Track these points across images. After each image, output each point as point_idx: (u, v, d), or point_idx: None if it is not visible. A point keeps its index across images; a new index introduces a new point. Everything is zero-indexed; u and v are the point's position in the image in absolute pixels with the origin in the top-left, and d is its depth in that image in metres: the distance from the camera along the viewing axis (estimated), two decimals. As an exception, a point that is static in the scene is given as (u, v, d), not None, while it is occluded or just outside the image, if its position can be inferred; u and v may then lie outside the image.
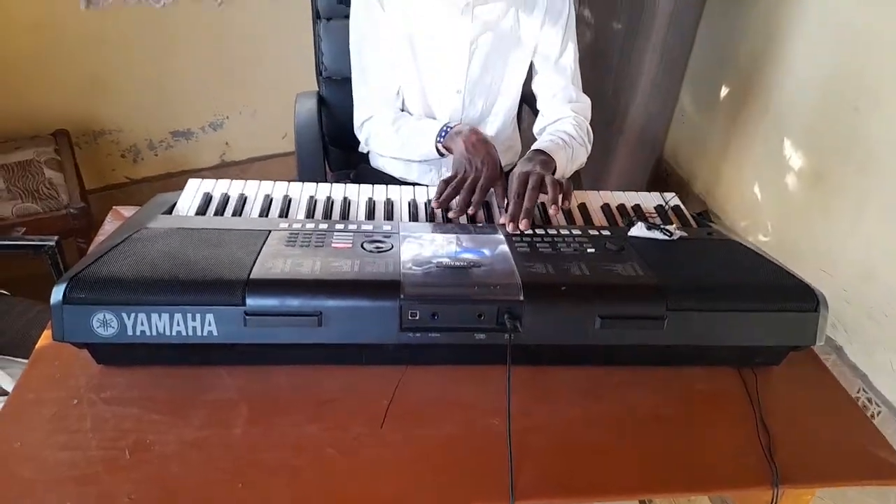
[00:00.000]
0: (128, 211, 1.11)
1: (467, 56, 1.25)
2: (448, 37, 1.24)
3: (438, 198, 1.01)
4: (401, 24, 1.23)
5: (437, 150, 1.19)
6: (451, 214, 1.00)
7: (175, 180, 2.44)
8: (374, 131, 1.30)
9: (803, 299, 0.82)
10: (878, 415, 1.72)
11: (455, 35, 1.23)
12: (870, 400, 1.75)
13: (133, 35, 2.09)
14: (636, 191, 2.45)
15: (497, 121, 1.35)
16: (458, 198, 1.01)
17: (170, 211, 0.98)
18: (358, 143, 1.37)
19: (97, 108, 2.17)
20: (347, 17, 1.30)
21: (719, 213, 2.42)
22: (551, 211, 0.96)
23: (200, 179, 1.07)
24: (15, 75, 1.96)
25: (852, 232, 1.78)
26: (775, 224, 2.13)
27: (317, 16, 1.50)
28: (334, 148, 1.56)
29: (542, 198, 1.01)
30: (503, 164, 1.43)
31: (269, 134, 2.52)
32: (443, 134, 1.18)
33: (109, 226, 1.08)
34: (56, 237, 1.31)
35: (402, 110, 1.32)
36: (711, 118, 2.46)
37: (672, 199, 1.12)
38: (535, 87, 1.33)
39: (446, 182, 1.03)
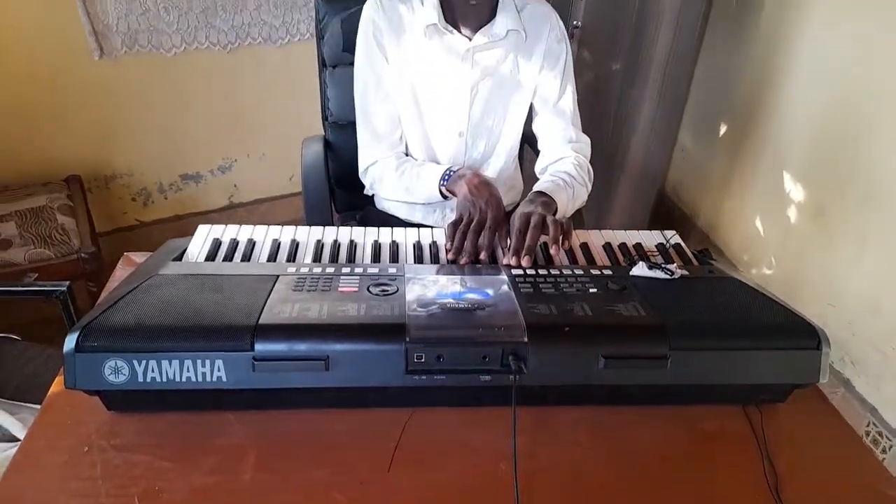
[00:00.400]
0: (139, 257, 1.13)
1: (468, 100, 1.29)
2: (450, 82, 1.27)
3: (449, 246, 1.02)
4: (403, 72, 1.27)
5: (441, 194, 1.22)
6: (462, 261, 1.00)
7: (184, 222, 2.48)
8: (378, 176, 1.33)
9: (805, 337, 0.83)
10: (889, 449, 1.70)
11: (456, 80, 1.27)
12: (880, 434, 1.73)
13: (145, 82, 2.15)
14: (639, 227, 2.48)
15: (499, 161, 1.38)
16: (466, 243, 1.02)
17: (180, 257, 1.00)
18: (363, 185, 1.40)
19: (109, 154, 2.22)
20: (352, 64, 1.34)
21: (723, 248, 2.43)
22: (552, 251, 0.98)
23: (210, 226, 1.09)
24: (30, 123, 2.02)
25: (856, 265, 1.79)
26: (779, 257, 2.14)
27: (323, 64, 1.55)
28: (340, 190, 1.59)
29: (544, 238, 1.03)
30: (505, 204, 1.46)
31: (277, 176, 2.57)
32: (446, 178, 1.20)
33: (121, 272, 1.11)
34: (67, 282, 1.33)
35: (406, 154, 1.35)
36: (712, 154, 2.49)
37: (673, 237, 1.14)
38: (536, 128, 1.37)
39: (454, 226, 1.04)
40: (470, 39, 1.24)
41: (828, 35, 1.88)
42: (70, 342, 0.75)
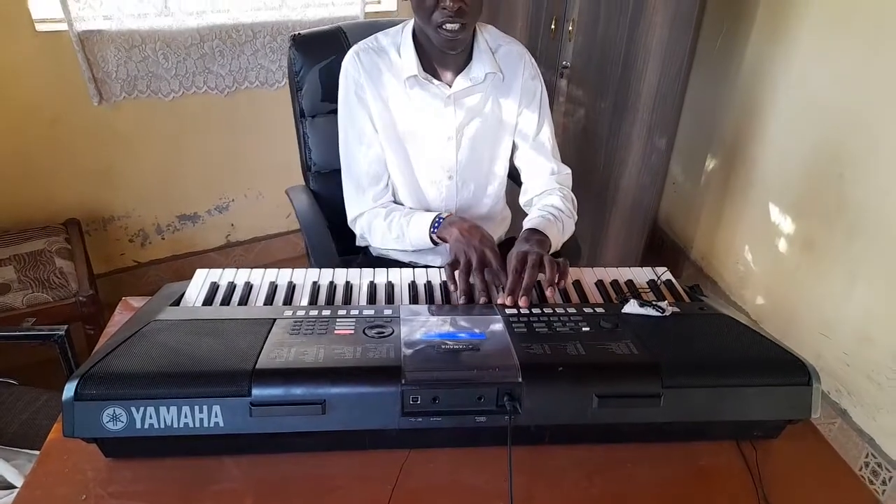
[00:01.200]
0: (137, 301, 1.14)
1: (455, 143, 1.32)
2: (435, 128, 1.30)
3: (454, 289, 1.04)
4: (388, 123, 1.30)
5: (432, 241, 1.24)
6: (462, 301, 1.02)
7: (181, 262, 2.50)
8: (366, 227, 1.35)
9: (795, 373, 0.84)
10: (889, 480, 1.70)
11: (442, 126, 1.30)
12: (879, 465, 1.73)
13: (142, 126, 2.19)
14: (632, 259, 2.50)
15: (489, 199, 1.41)
16: (469, 283, 1.04)
17: (177, 302, 1.01)
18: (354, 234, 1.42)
19: (108, 196, 2.24)
20: (332, 112, 1.36)
21: (716, 279, 2.45)
22: (548, 292, 0.99)
23: (207, 270, 1.10)
24: (30, 168, 2.05)
25: (847, 296, 1.81)
26: (772, 289, 2.16)
27: (301, 114, 1.55)
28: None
29: (540, 276, 1.05)
30: (498, 237, 1.49)
31: (274, 214, 2.59)
32: (436, 224, 1.22)
33: (119, 316, 1.11)
34: (65, 326, 1.34)
35: (394, 201, 1.38)
36: (702, 187, 2.53)
37: (664, 273, 1.16)
38: (518, 162, 1.40)
39: (452, 266, 1.06)
40: (450, 85, 1.28)
41: (811, 71, 1.94)
42: (69, 390, 0.75)
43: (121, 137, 2.17)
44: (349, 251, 1.52)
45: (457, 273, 1.04)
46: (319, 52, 1.50)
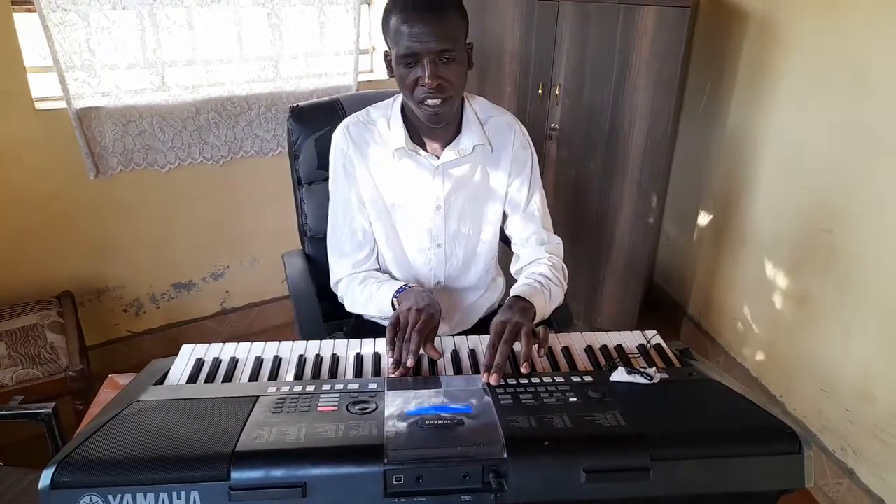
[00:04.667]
0: (123, 378, 1.14)
1: (443, 213, 1.33)
2: (423, 198, 1.32)
3: (390, 354, 1.03)
4: (375, 193, 1.32)
5: (393, 307, 1.23)
6: (397, 373, 1.00)
7: (175, 331, 2.49)
8: (344, 291, 1.37)
9: (786, 441, 0.83)
10: (903, 544, 1.64)
11: (429, 196, 1.32)
12: (892, 528, 1.67)
13: (138, 197, 2.21)
14: (629, 316, 2.48)
15: (479, 264, 1.42)
16: (397, 350, 1.03)
17: (162, 380, 1.00)
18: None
19: (102, 268, 2.25)
20: (326, 179, 1.39)
21: (714, 336, 2.44)
22: (522, 368, 0.98)
23: (193, 346, 1.10)
24: (26, 243, 2.06)
25: (845, 351, 1.79)
26: (770, 345, 2.14)
27: (298, 181, 1.59)
28: (324, 302, 1.60)
29: (517, 346, 1.04)
30: (490, 304, 1.48)
31: (268, 280, 2.60)
32: (399, 291, 1.23)
33: (105, 395, 1.11)
34: (53, 404, 1.33)
35: (384, 271, 1.39)
36: (695, 243, 2.54)
37: (654, 337, 1.15)
38: (508, 230, 1.41)
39: (392, 327, 1.06)
40: (438, 157, 1.30)
41: (793, 129, 1.98)
42: (45, 478, 0.74)
43: (116, 209, 2.19)
44: (342, 315, 1.52)
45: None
46: (316, 122, 1.54)
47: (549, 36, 2.20)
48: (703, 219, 2.48)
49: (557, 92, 2.25)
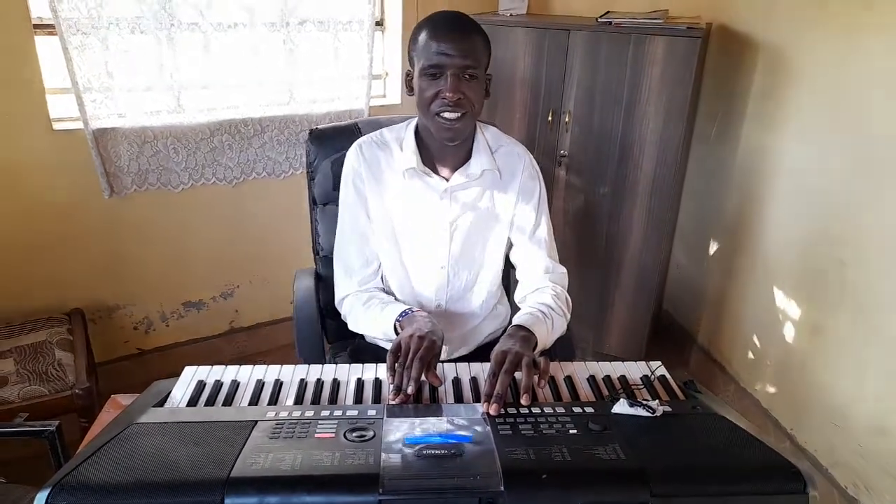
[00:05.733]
0: (125, 399, 1.14)
1: (448, 235, 1.34)
2: (429, 220, 1.33)
3: (391, 380, 1.03)
4: (383, 214, 1.33)
5: (395, 331, 1.23)
6: (398, 399, 0.99)
7: (184, 349, 2.50)
8: (348, 309, 1.38)
9: (790, 481, 0.81)
10: (918, 587, 1.59)
11: (436, 217, 1.33)
12: (907, 570, 1.62)
13: (150, 217, 2.24)
14: (638, 343, 2.46)
15: (482, 290, 1.41)
16: (397, 377, 1.02)
17: (162, 402, 1.00)
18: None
19: (113, 286, 2.27)
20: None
21: (724, 365, 2.40)
22: (523, 399, 0.97)
23: (196, 367, 1.10)
24: (39, 261, 2.09)
25: (858, 385, 1.76)
26: (781, 375, 2.11)
27: (313, 201, 1.62)
28: (331, 321, 1.60)
29: (518, 374, 1.03)
30: (490, 331, 1.47)
31: (278, 300, 2.61)
32: (402, 315, 1.23)
33: (106, 415, 1.11)
34: (57, 423, 1.33)
35: (387, 291, 1.39)
36: (706, 271, 2.52)
37: (658, 368, 1.14)
38: (514, 258, 1.41)
39: (393, 355, 1.05)
40: (447, 180, 1.31)
41: (803, 158, 1.97)
42: (39, 501, 0.74)
43: (129, 228, 2.22)
44: (347, 335, 1.53)
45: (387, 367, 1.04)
46: (333, 145, 1.56)
47: (560, 63, 2.21)
48: (714, 246, 2.47)
49: (567, 119, 2.26)
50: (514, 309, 1.40)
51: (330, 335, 1.61)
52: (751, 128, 2.21)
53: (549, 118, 2.29)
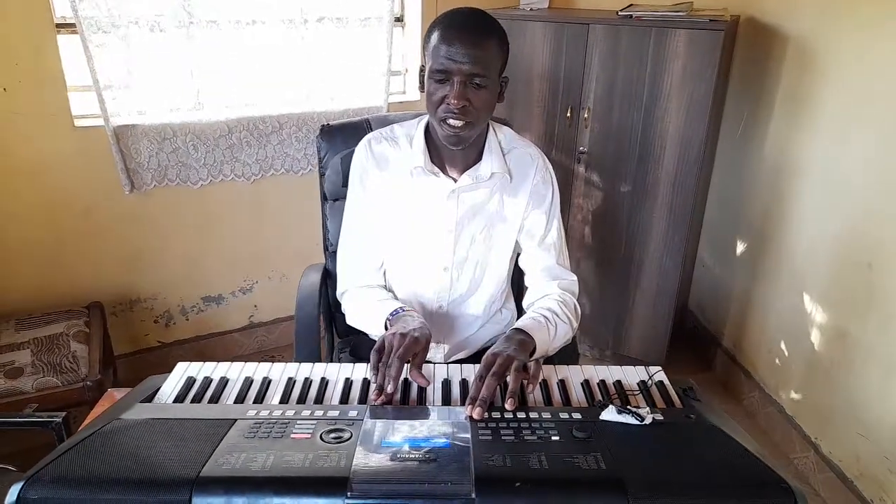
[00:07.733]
0: (121, 393, 1.15)
1: (453, 237, 1.31)
2: (434, 220, 1.30)
3: (373, 378, 1.02)
4: (388, 210, 1.32)
5: (385, 328, 1.21)
6: (379, 400, 0.98)
7: (204, 342, 2.53)
8: (348, 303, 1.37)
9: (780, 497, 0.76)
10: None
11: (441, 218, 1.30)
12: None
13: (170, 212, 2.28)
14: (660, 343, 2.39)
15: (485, 294, 1.38)
16: (380, 376, 1.00)
17: (150, 398, 1.01)
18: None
19: (134, 280, 2.32)
20: None
21: (749, 369, 2.33)
22: (507, 404, 0.94)
23: (188, 364, 1.11)
24: (60, 255, 2.15)
25: (885, 394, 1.68)
26: (806, 382, 2.03)
27: (324, 197, 1.63)
28: (340, 315, 1.60)
29: (508, 378, 1.00)
30: (494, 335, 1.45)
31: (296, 295, 2.62)
32: (393, 313, 1.21)
33: (100, 409, 1.12)
34: (64, 413, 1.35)
35: (388, 288, 1.37)
36: (731, 273, 2.44)
37: (657, 373, 1.09)
38: (522, 263, 1.37)
39: (377, 353, 1.04)
40: (455, 180, 1.28)
41: (832, 158, 1.88)
42: (12, 494, 0.75)
43: (149, 224, 2.26)
44: (354, 330, 1.53)
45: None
46: (344, 141, 1.56)
47: (579, 58, 2.17)
48: (741, 247, 2.38)
49: (586, 115, 2.21)
50: (522, 315, 1.37)
51: (339, 329, 1.61)
52: (778, 126, 2.13)
53: (568, 114, 2.24)
